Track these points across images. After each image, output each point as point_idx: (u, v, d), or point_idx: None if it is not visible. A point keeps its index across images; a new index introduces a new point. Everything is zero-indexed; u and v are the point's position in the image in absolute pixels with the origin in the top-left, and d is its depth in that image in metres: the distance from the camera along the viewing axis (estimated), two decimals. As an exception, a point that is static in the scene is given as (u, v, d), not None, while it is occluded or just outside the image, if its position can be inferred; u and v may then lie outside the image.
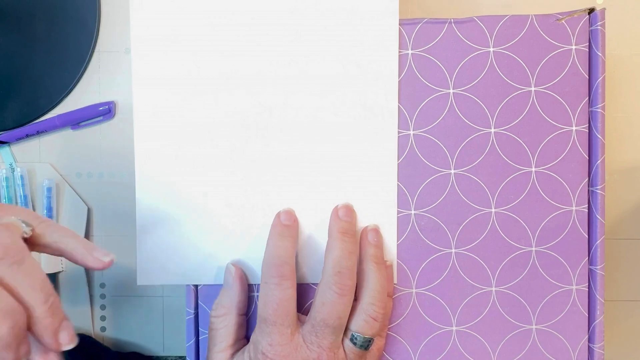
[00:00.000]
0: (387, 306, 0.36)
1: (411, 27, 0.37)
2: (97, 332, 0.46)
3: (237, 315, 0.36)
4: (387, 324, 0.37)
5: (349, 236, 0.35)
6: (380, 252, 0.36)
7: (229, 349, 0.35)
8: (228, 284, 0.36)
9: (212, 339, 0.36)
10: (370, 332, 0.34)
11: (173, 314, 0.46)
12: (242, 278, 0.36)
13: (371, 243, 0.36)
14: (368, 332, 0.34)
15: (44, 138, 0.45)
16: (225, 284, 0.36)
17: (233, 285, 0.36)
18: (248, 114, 0.37)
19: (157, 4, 0.37)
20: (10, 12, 0.44)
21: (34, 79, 0.44)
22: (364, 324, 0.34)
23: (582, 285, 0.38)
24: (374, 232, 0.36)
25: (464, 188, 0.37)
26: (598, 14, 0.36)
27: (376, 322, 0.34)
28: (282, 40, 0.37)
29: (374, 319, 0.34)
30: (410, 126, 0.37)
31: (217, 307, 0.36)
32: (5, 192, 0.45)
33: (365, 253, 0.36)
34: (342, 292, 0.33)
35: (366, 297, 0.35)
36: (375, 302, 0.34)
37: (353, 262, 0.35)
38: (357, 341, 0.34)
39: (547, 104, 0.37)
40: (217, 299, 0.36)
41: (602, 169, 0.37)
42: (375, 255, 0.36)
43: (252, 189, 0.37)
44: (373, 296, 0.34)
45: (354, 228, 0.36)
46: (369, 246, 0.36)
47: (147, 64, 0.37)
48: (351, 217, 0.36)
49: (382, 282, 0.35)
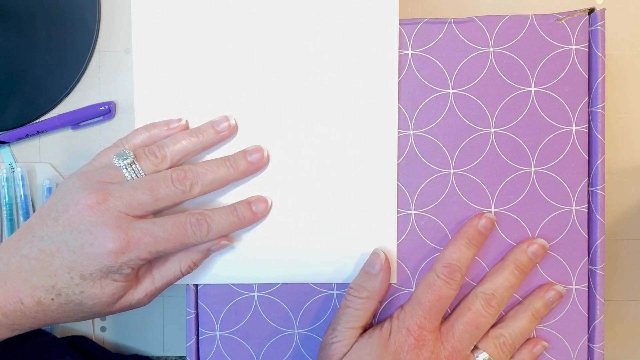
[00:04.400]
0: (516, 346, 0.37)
1: (411, 27, 0.37)
2: (97, 332, 0.46)
3: (377, 302, 0.36)
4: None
5: (520, 272, 0.36)
6: (544, 312, 0.37)
7: (359, 329, 0.36)
8: (374, 269, 0.36)
9: (345, 314, 0.36)
10: (495, 356, 0.36)
11: (173, 314, 0.46)
12: (388, 268, 0.36)
13: (542, 299, 0.37)
14: (494, 355, 0.36)
15: (44, 138, 0.45)
16: (371, 268, 0.36)
17: (379, 274, 0.36)
18: (248, 113, 0.37)
19: (158, 4, 0.37)
20: (10, 12, 0.44)
21: (34, 79, 0.44)
22: (492, 348, 0.36)
23: (582, 285, 0.38)
24: (554, 293, 0.37)
25: (463, 188, 0.37)
26: (598, 14, 0.36)
27: (502, 352, 0.36)
28: (283, 40, 0.37)
29: (502, 346, 0.36)
30: (410, 126, 0.37)
31: (360, 289, 0.36)
32: (5, 192, 0.45)
33: (530, 302, 0.37)
34: (491, 314, 0.36)
35: (506, 329, 0.36)
36: (510, 340, 0.36)
37: (508, 296, 0.36)
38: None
39: (547, 104, 0.37)
40: (359, 280, 0.36)
41: (602, 169, 0.37)
42: (537, 310, 0.37)
43: (251, 188, 0.37)
44: (513, 335, 0.36)
45: (530, 268, 0.37)
46: (538, 300, 0.37)
47: (148, 64, 0.37)
48: (537, 258, 0.37)
49: (525, 330, 0.36)
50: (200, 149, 0.35)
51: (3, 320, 0.32)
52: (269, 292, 0.38)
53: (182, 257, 0.35)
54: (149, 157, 0.34)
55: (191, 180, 0.34)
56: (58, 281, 0.32)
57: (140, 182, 0.33)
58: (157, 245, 0.32)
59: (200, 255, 0.36)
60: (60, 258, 0.32)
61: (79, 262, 0.31)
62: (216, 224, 0.34)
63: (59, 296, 0.32)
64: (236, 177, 0.35)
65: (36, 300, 0.32)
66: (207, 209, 0.34)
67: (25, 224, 0.33)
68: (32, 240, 0.32)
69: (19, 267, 0.32)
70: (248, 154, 0.36)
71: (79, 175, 0.34)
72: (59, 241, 0.32)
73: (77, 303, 0.33)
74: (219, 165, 0.35)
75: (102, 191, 0.32)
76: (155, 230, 0.32)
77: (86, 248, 0.31)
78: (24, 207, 0.45)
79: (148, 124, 0.36)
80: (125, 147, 0.35)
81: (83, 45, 0.44)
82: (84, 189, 0.32)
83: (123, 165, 0.33)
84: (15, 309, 0.32)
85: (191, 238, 0.33)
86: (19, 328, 0.33)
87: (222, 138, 0.36)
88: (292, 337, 0.38)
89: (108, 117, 0.45)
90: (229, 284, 0.38)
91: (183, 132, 0.35)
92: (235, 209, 0.35)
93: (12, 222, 0.45)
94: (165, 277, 0.35)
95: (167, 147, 0.34)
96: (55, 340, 0.43)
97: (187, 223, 0.33)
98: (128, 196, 0.32)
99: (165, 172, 0.34)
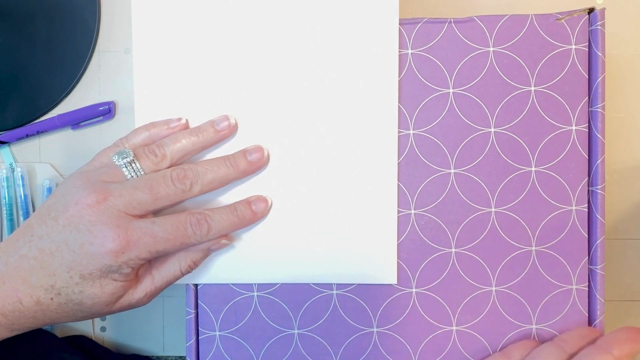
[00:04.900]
0: None
1: (411, 27, 0.37)
2: (97, 332, 0.46)
3: None
4: None
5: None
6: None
7: None
8: None
9: None
10: None
11: (173, 314, 0.46)
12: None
13: None
14: None
15: (44, 138, 0.45)
16: None
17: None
18: (248, 113, 0.37)
19: (159, 4, 0.37)
20: (10, 12, 0.44)
21: (34, 79, 0.44)
22: None
23: (582, 285, 0.38)
24: None
25: (463, 188, 0.37)
26: (598, 13, 0.36)
27: None
28: (283, 40, 0.37)
29: None
30: (410, 126, 0.37)
31: None
32: (6, 192, 0.45)
33: None
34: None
35: None
36: None
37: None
38: None
39: (547, 104, 0.37)
40: None
41: (602, 168, 0.37)
42: None
43: (251, 188, 0.37)
44: None
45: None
46: None
47: (148, 64, 0.37)
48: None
49: None
50: (200, 148, 0.35)
51: (2, 320, 0.32)
52: (269, 292, 0.38)
53: (182, 257, 0.35)
54: (149, 156, 0.34)
55: (191, 179, 0.34)
56: (57, 281, 0.32)
57: (140, 181, 0.33)
58: (157, 245, 0.32)
59: (200, 254, 0.36)
60: (59, 257, 0.32)
61: (78, 261, 0.31)
62: (216, 224, 0.34)
63: (58, 296, 0.32)
64: (236, 177, 0.35)
65: (35, 299, 0.32)
66: (207, 209, 0.34)
67: (24, 223, 0.33)
68: (32, 240, 0.32)
69: (17, 267, 0.32)
70: (248, 154, 0.36)
71: (79, 175, 0.34)
72: (58, 240, 0.32)
73: (77, 303, 0.33)
74: (219, 164, 0.35)
75: (102, 190, 0.32)
76: (155, 229, 0.32)
77: (86, 247, 0.31)
78: (24, 207, 0.45)
79: (148, 124, 0.36)
80: (125, 146, 0.35)
81: (83, 45, 0.44)
82: (83, 188, 0.32)
83: (123, 164, 0.33)
84: (14, 309, 0.32)
85: (191, 237, 0.33)
86: (18, 328, 0.33)
87: (222, 137, 0.36)
88: (292, 337, 0.38)
89: (108, 117, 0.45)
90: (229, 284, 0.38)
91: (183, 131, 0.35)
92: (235, 209, 0.35)
93: (12, 222, 0.45)
94: (165, 277, 0.35)
95: (167, 146, 0.34)
96: (56, 339, 0.43)
97: (187, 222, 0.33)
98: (128, 195, 0.32)
99: (165, 171, 0.34)
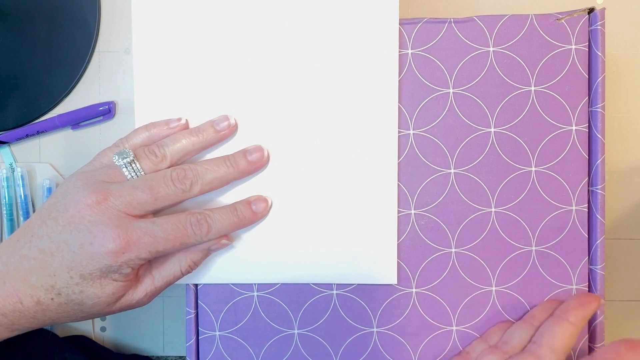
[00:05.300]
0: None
1: (411, 27, 0.37)
2: (97, 332, 0.46)
3: None
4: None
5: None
6: None
7: None
8: None
9: None
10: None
11: (173, 314, 0.46)
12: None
13: None
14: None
15: (44, 138, 0.45)
16: None
17: None
18: (248, 113, 0.37)
19: (159, 4, 0.37)
20: (10, 12, 0.44)
21: (34, 79, 0.44)
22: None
23: (582, 285, 0.38)
24: None
25: (463, 188, 0.37)
26: (598, 13, 0.36)
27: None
28: (283, 40, 0.37)
29: None
30: (410, 126, 0.37)
31: None
32: (5, 192, 0.45)
33: None
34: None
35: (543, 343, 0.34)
36: None
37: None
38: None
39: (547, 104, 0.37)
40: None
41: (602, 168, 0.37)
42: None
43: (251, 188, 0.37)
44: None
45: None
46: None
47: (148, 64, 0.37)
48: None
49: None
50: (200, 148, 0.35)
51: (2, 320, 0.32)
52: (269, 292, 0.38)
53: (182, 257, 0.35)
54: (149, 156, 0.34)
55: (191, 179, 0.34)
56: (57, 281, 0.32)
57: (140, 181, 0.33)
58: (157, 245, 0.32)
59: (200, 254, 0.36)
60: (59, 257, 0.32)
61: (78, 261, 0.31)
62: (216, 224, 0.34)
63: (58, 296, 0.32)
64: (236, 177, 0.35)
65: (35, 300, 0.32)
66: (207, 209, 0.34)
67: (24, 223, 0.33)
68: (32, 240, 0.32)
69: (18, 267, 0.32)
70: (248, 154, 0.36)
71: (79, 175, 0.34)
72: (58, 241, 0.32)
73: (77, 303, 0.33)
74: (219, 164, 0.35)
75: (102, 190, 0.32)
76: (155, 229, 0.32)
77: (86, 247, 0.31)
78: (24, 207, 0.45)
79: (148, 124, 0.36)
80: (125, 147, 0.35)
81: (83, 45, 0.44)
82: (84, 188, 0.32)
83: (123, 164, 0.33)
84: (14, 309, 0.32)
85: (191, 238, 0.33)
86: (19, 328, 0.33)
87: (222, 137, 0.36)
88: (291, 337, 0.38)
89: (108, 117, 0.45)
90: (228, 284, 0.38)
91: (183, 131, 0.35)
92: (235, 209, 0.35)
93: (12, 222, 0.45)
94: (165, 277, 0.35)
95: (167, 146, 0.34)
96: (56, 338, 0.43)
97: (187, 222, 0.33)
98: (128, 195, 0.32)
99: (165, 171, 0.34)
